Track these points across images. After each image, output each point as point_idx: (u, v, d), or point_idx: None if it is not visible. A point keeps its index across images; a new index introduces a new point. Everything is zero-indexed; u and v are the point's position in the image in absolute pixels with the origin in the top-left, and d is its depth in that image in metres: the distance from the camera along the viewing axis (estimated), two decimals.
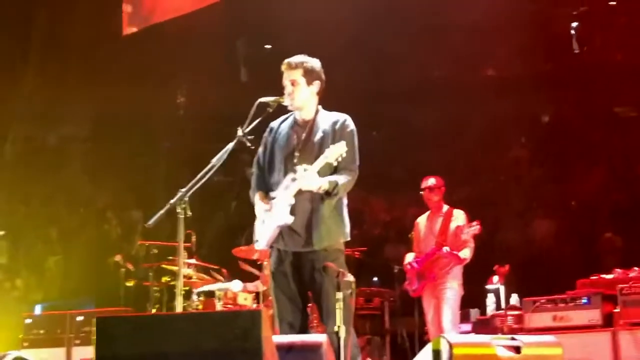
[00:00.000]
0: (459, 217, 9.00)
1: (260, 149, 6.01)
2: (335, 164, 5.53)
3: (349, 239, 5.79)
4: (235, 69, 20.00)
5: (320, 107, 5.85)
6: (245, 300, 9.30)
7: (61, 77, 17.64)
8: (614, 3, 17.59)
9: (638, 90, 15.41)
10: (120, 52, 17.37)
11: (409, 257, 9.13)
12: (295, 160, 5.67)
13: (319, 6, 15.36)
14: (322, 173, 5.52)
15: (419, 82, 18.04)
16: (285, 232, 5.68)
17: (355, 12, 15.83)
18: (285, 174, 5.68)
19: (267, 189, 5.87)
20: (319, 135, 5.68)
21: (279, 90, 5.86)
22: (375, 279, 13.03)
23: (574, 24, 18.15)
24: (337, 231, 5.70)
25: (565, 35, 18.19)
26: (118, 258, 11.32)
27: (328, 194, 5.51)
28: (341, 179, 5.55)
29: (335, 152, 5.46)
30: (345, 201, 5.79)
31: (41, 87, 17.97)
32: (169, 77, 18.51)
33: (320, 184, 5.45)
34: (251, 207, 6.05)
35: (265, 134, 5.99)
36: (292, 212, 5.60)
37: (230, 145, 5.81)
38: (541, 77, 16.69)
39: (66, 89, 17.38)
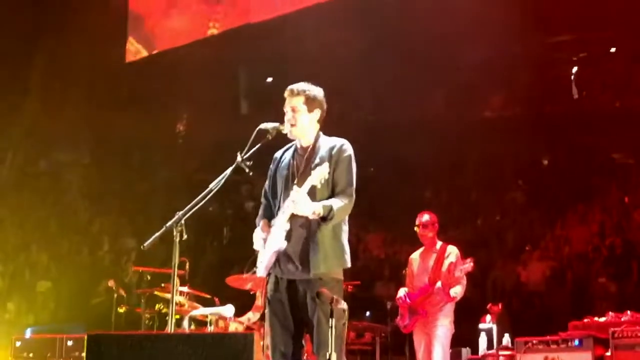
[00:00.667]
0: (452, 253, 8.98)
1: (267, 181, 6.03)
2: (319, 185, 5.50)
3: (348, 266, 5.74)
4: (235, 100, 20.10)
5: (321, 133, 5.86)
6: (237, 330, 9.26)
7: (61, 104, 17.72)
8: (614, 50, 17.73)
9: (635, 137, 15.49)
10: (121, 80, 17.47)
11: (402, 292, 9.11)
12: (293, 187, 5.67)
13: (320, 41, 15.48)
14: (318, 198, 5.52)
15: (417, 119, 18.13)
16: (281, 259, 5.66)
17: (356, 48, 15.94)
18: (285, 200, 5.68)
19: (271, 218, 5.86)
20: (316, 162, 5.67)
21: (279, 121, 5.89)
22: (368, 313, 13.01)
23: (574, 69, 18.29)
24: (335, 259, 5.64)
25: (564, 79, 18.33)
26: (111, 283, 11.28)
27: (323, 219, 5.48)
28: (336, 203, 5.51)
29: (320, 174, 5.45)
30: (345, 227, 5.74)
31: (41, 113, 18.04)
32: (169, 106, 18.60)
33: (314, 208, 5.41)
34: (245, 238, 6.04)
35: (271, 165, 6.01)
36: (288, 238, 5.58)
37: (229, 171, 5.82)
38: (540, 120, 16.78)
39: (66, 115, 17.47)
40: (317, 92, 5.81)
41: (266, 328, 5.83)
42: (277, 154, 5.99)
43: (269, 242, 5.66)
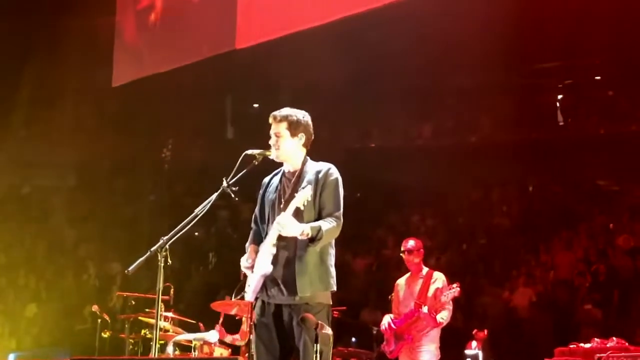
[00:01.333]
0: (438, 279, 8.98)
1: (257, 206, 6.03)
2: (302, 207, 5.51)
3: (334, 289, 5.74)
4: (221, 126, 20.12)
5: (308, 158, 5.88)
6: (222, 355, 9.22)
7: (47, 128, 17.68)
8: (599, 78, 17.86)
9: (620, 164, 15.57)
10: (108, 105, 17.45)
11: (387, 318, 9.09)
12: (280, 211, 5.68)
13: (307, 66, 15.52)
14: (305, 221, 5.52)
15: (403, 145, 18.19)
16: (268, 283, 5.65)
17: (341, 75, 15.98)
18: (272, 224, 5.69)
19: (259, 243, 5.87)
20: (303, 185, 5.69)
21: (265, 147, 5.90)
22: (354, 339, 12.97)
23: (559, 96, 18.41)
24: (321, 282, 5.63)
25: (550, 106, 18.43)
26: (95, 308, 11.21)
27: (312, 239, 5.48)
28: (325, 225, 5.52)
29: (303, 196, 5.47)
30: (332, 251, 5.74)
31: (26, 138, 18.00)
32: (155, 130, 18.59)
33: (302, 229, 5.43)
34: (230, 263, 6.04)
35: (260, 190, 6.02)
36: (274, 262, 5.58)
37: (214, 196, 5.83)
38: (525, 146, 16.84)
39: (52, 139, 17.42)
40: (301, 116, 5.82)
41: (253, 353, 5.82)
42: (266, 179, 6.01)
43: (257, 266, 5.66)
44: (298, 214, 5.50)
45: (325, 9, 13.44)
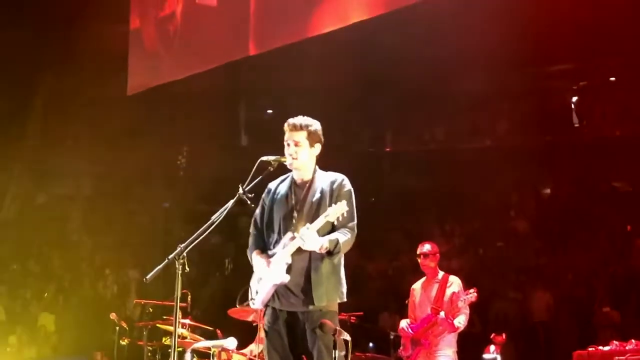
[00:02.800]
0: (454, 283, 8.95)
1: (258, 210, 6.01)
2: (335, 222, 5.54)
3: (345, 299, 5.76)
4: (235, 132, 20.15)
5: (317, 167, 5.89)
6: None
7: (62, 136, 17.75)
8: (614, 79, 17.78)
9: (636, 165, 15.48)
10: (123, 112, 17.49)
11: (404, 323, 9.07)
12: (293, 221, 5.68)
13: (319, 72, 15.52)
14: (320, 233, 5.54)
15: (417, 149, 18.17)
16: (280, 292, 5.66)
17: (355, 80, 15.99)
18: (284, 233, 5.68)
19: (264, 249, 5.87)
20: (317, 196, 5.69)
21: (279, 154, 5.90)
22: (371, 345, 12.95)
23: (574, 98, 18.33)
24: (335, 292, 5.67)
25: (565, 108, 18.37)
26: (113, 316, 11.23)
27: (330, 253, 5.51)
28: (341, 237, 5.55)
29: (337, 210, 5.49)
30: (342, 261, 5.79)
31: (41, 147, 18.07)
32: (169, 138, 18.62)
33: (322, 243, 5.45)
34: (247, 269, 6.03)
35: (264, 195, 6.01)
36: (289, 272, 5.59)
37: (231, 203, 5.83)
38: (540, 149, 16.79)
39: (67, 147, 17.49)
40: (318, 126, 5.84)
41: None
42: (272, 185, 6.00)
43: (268, 275, 5.66)
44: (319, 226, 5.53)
45: (338, 14, 13.43)
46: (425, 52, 15.28)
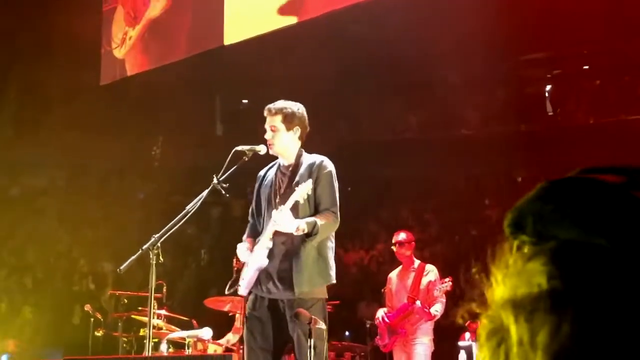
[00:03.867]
0: (431, 272, 8.99)
1: (253, 200, 6.02)
2: (302, 201, 5.49)
3: (333, 282, 5.70)
4: (211, 122, 20.08)
5: (303, 150, 5.84)
6: (215, 352, 9.21)
7: (36, 127, 17.62)
8: (587, 67, 17.86)
9: (609, 153, 15.56)
10: (97, 103, 17.39)
11: (380, 312, 9.10)
12: (275, 205, 5.66)
13: (295, 62, 15.50)
14: (301, 216, 5.51)
15: (393, 138, 18.18)
16: (262, 278, 5.64)
17: (331, 69, 15.96)
18: (269, 218, 5.66)
19: (256, 237, 5.85)
20: (297, 179, 5.67)
21: (254, 143, 5.88)
22: (347, 333, 12.97)
23: (548, 87, 18.40)
24: (319, 277, 5.60)
25: (539, 97, 18.43)
26: (87, 307, 11.19)
27: (308, 235, 5.46)
28: (320, 219, 5.51)
29: (303, 189, 5.45)
30: (330, 244, 5.71)
31: (14, 139, 17.93)
32: (144, 128, 18.53)
33: (297, 224, 5.41)
34: (223, 259, 6.03)
35: (255, 184, 6.00)
36: (270, 256, 5.57)
37: (205, 193, 5.83)
38: (515, 138, 16.83)
39: (41, 139, 17.36)
40: (296, 108, 5.81)
41: (244, 349, 5.81)
42: (261, 173, 5.99)
43: (252, 260, 5.65)
44: (294, 209, 5.48)
45: (313, 3, 13.42)
46: (399, 42, 15.27)
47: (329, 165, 5.74)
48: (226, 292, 6.02)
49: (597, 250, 0.90)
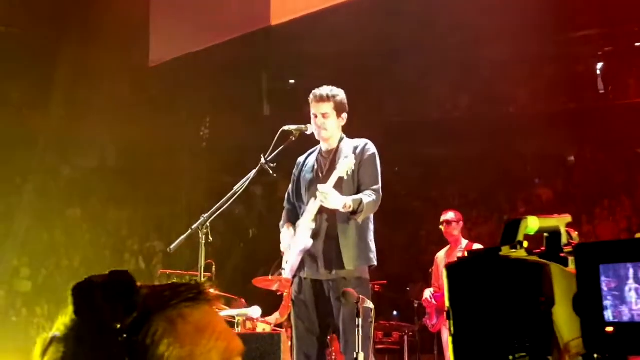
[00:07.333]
0: None
1: (290, 185, 6.01)
2: (345, 177, 5.47)
3: (374, 264, 5.69)
4: (258, 102, 20.13)
5: (343, 135, 5.84)
6: (264, 331, 9.25)
7: (85, 110, 17.78)
8: (639, 44, 17.61)
9: None
10: (146, 84, 17.50)
11: (427, 293, 9.07)
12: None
13: (341, 42, 15.45)
14: (345, 194, 5.49)
15: (441, 118, 18.07)
16: (307, 260, 5.64)
17: (378, 49, 15.89)
18: (310, 202, 5.65)
19: (295, 222, 5.84)
20: (340, 162, 5.65)
21: (301, 123, 5.86)
22: (395, 313, 12.97)
23: (599, 64, 18.17)
24: (361, 258, 5.58)
25: (590, 75, 18.21)
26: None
27: (354, 212, 5.44)
28: (365, 197, 5.49)
29: (345, 165, 5.44)
30: (371, 226, 5.70)
31: (65, 120, 18.11)
32: (192, 109, 18.63)
33: (345, 201, 5.39)
34: (271, 239, 6.04)
35: (294, 170, 6.00)
36: (314, 237, 5.56)
37: (253, 173, 5.82)
38: (565, 116, 16.66)
39: (91, 120, 17.52)
40: (343, 95, 5.81)
41: (292, 330, 5.83)
42: (301, 159, 5.98)
43: (295, 243, 5.65)
44: (338, 187, 5.48)
45: None
46: (449, 21, 15.17)
47: (372, 148, 5.73)
48: (270, 276, 6.04)
49: None
